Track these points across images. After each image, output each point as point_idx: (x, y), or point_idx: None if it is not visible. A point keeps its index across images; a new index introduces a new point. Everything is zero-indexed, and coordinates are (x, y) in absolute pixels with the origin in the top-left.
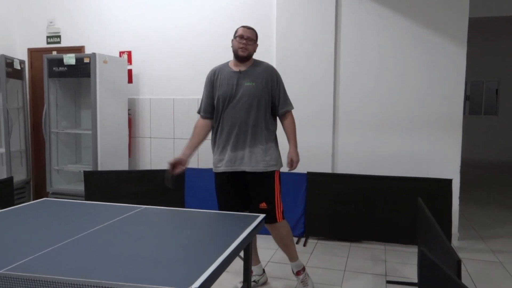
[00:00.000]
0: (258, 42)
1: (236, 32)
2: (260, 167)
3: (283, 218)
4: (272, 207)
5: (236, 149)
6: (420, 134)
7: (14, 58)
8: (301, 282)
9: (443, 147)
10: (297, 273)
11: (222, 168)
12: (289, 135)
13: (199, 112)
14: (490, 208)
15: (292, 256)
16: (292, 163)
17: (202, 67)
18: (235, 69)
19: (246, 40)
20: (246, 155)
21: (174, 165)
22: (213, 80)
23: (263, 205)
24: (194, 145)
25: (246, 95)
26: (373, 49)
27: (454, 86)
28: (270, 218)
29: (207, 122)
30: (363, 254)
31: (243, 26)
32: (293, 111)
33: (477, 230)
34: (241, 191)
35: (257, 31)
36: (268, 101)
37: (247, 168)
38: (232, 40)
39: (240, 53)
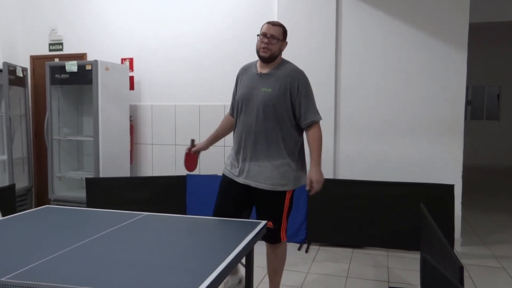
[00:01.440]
0: None
1: (261, 28)
2: (267, 185)
3: (286, 237)
4: (277, 226)
5: (244, 160)
6: (422, 139)
7: (17, 65)
8: None
9: (445, 152)
10: None
11: (234, 178)
12: (311, 150)
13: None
14: (493, 213)
15: (275, 284)
16: (312, 184)
17: (203, 74)
18: (259, 70)
19: (268, 39)
20: (255, 168)
21: (193, 150)
22: (238, 80)
23: (270, 224)
24: (216, 137)
25: (259, 102)
26: (374, 54)
27: (455, 91)
28: (274, 238)
29: (232, 119)
30: (366, 260)
31: (268, 22)
32: None
33: (480, 236)
34: (243, 201)
35: (254, 34)
36: (288, 110)
37: (252, 183)
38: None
39: (262, 53)
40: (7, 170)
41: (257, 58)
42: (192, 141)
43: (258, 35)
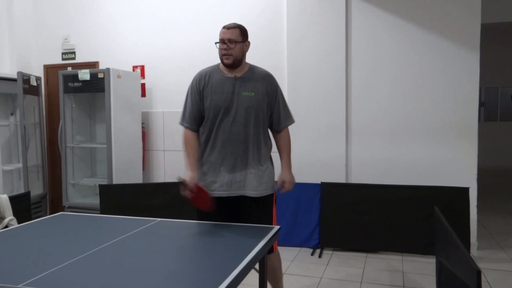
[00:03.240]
0: (270, 54)
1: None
2: (262, 191)
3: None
4: None
5: (234, 171)
6: (435, 142)
7: (31, 74)
8: None
9: (459, 154)
10: None
11: (216, 192)
12: (284, 153)
13: (181, 124)
14: (510, 216)
15: None
16: (284, 184)
17: None
18: (229, 74)
19: (227, 44)
20: (248, 177)
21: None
22: (202, 87)
23: None
24: (197, 163)
25: (244, 107)
26: (385, 57)
27: (468, 93)
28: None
29: (196, 134)
30: (380, 265)
31: (224, 27)
32: (307, 121)
33: (496, 239)
34: (232, 218)
35: (268, 42)
36: (266, 114)
37: (248, 192)
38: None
39: (225, 61)
40: (22, 178)
41: (209, 64)
42: (181, 179)
43: (216, 43)
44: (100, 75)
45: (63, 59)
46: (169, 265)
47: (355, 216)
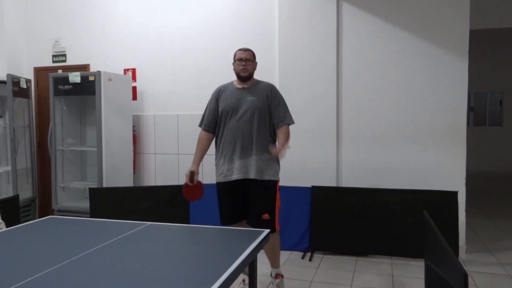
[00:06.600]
0: (261, 58)
1: (235, 56)
2: (266, 176)
3: (279, 227)
4: (272, 217)
5: (243, 157)
6: (424, 146)
7: (21, 77)
8: (277, 285)
9: (448, 159)
10: (276, 276)
11: (234, 176)
12: (280, 139)
13: (200, 126)
14: (498, 219)
15: (276, 264)
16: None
17: (206, 83)
18: (239, 86)
19: (245, 62)
20: (253, 163)
21: (191, 178)
22: (218, 97)
23: (266, 216)
24: (201, 159)
25: (248, 108)
26: (375, 62)
27: (457, 98)
28: (270, 229)
29: (209, 135)
30: (370, 268)
31: (240, 49)
32: (298, 124)
33: (485, 243)
34: (243, 201)
35: (259, 46)
36: (268, 114)
37: (254, 175)
38: (233, 64)
39: (242, 74)
40: (11, 181)
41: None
42: (192, 172)
43: (235, 60)
44: (91, 78)
45: (53, 61)
46: (158, 269)
47: (346, 219)
